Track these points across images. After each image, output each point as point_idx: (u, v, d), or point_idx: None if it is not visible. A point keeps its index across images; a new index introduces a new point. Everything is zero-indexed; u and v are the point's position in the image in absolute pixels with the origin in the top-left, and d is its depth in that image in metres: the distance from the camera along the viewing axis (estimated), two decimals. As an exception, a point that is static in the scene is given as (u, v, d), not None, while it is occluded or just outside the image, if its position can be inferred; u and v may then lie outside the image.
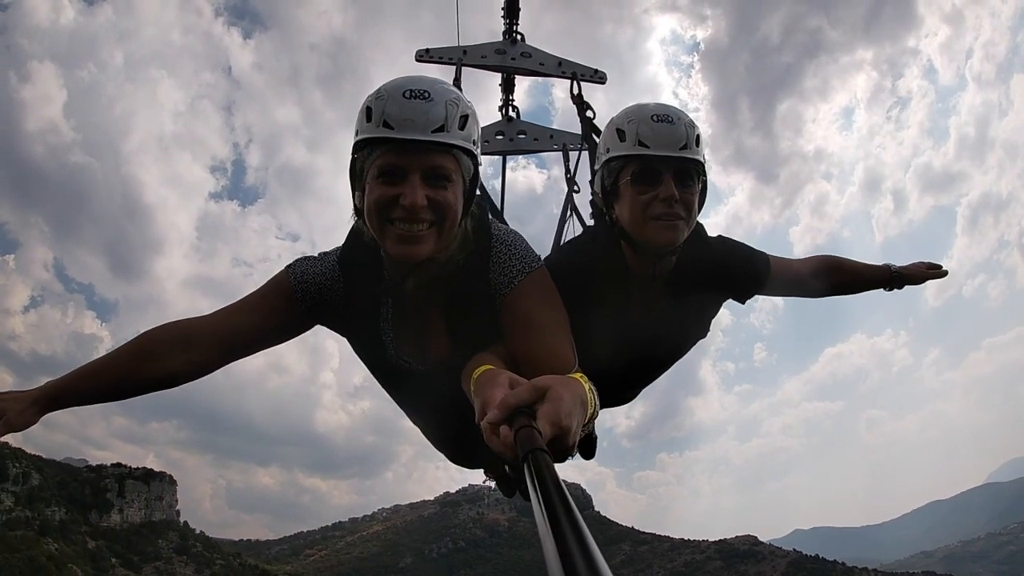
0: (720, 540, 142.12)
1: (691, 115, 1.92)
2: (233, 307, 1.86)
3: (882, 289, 2.51)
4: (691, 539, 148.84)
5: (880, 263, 2.51)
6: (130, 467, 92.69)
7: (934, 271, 2.49)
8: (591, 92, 4.35)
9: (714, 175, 1.93)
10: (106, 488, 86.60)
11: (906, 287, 2.50)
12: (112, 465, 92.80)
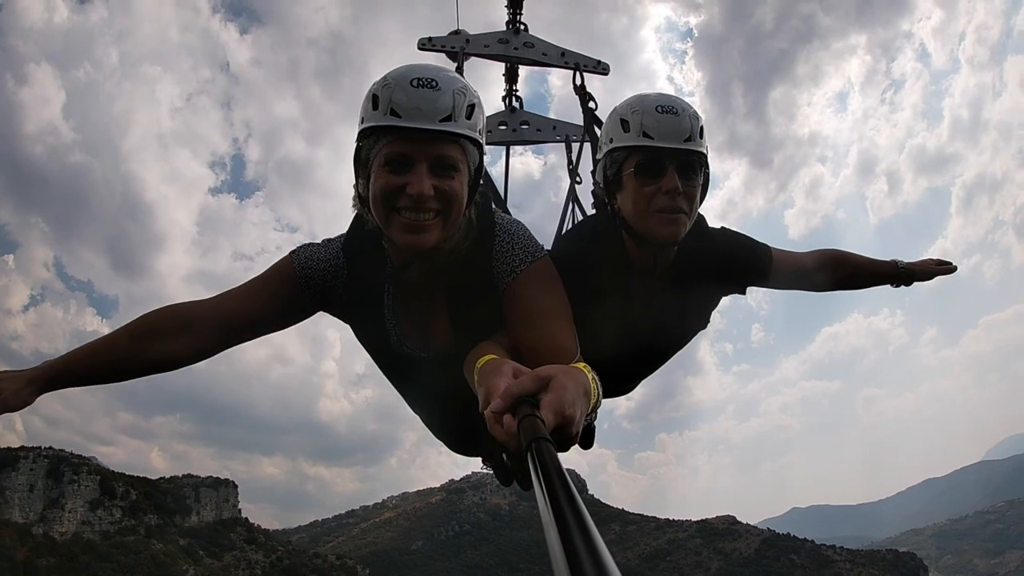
0: (701, 520, 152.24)
1: (686, 99, 1.90)
2: (235, 291, 1.85)
3: (888, 285, 2.46)
4: (675, 519, 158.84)
5: (887, 259, 2.46)
6: (200, 476, 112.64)
7: (943, 267, 2.46)
8: (588, 81, 4.32)
9: (709, 160, 1.92)
10: (185, 495, 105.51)
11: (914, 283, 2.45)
12: (184, 476, 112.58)
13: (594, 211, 2.29)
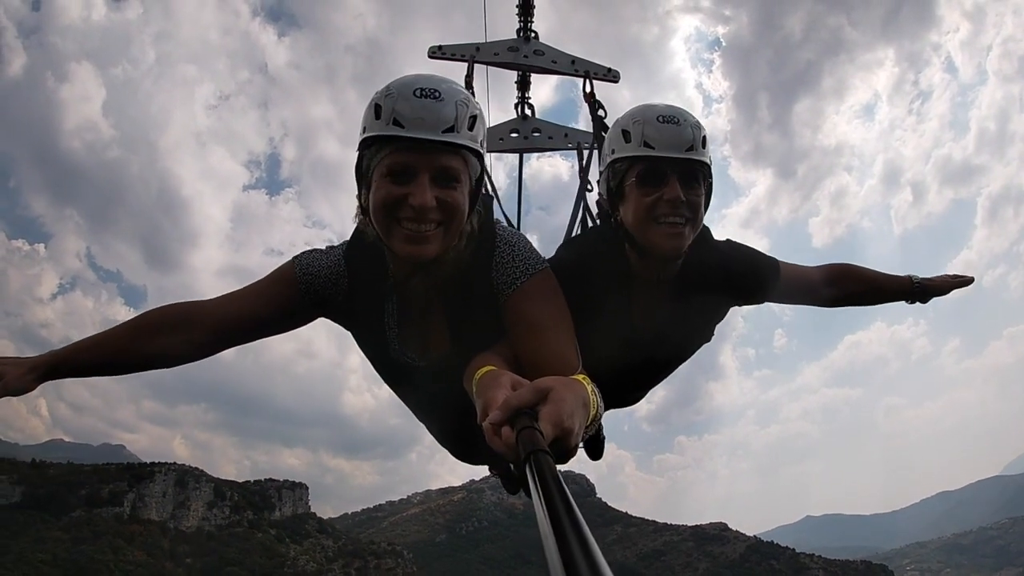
0: (695, 525, 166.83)
1: (714, 106, 5.92)
2: (237, 293, 1.87)
3: (904, 301, 2.36)
4: (672, 523, 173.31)
5: (902, 274, 2.36)
6: (282, 480, 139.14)
7: (959, 280, 2.37)
8: (617, 89, 4.29)
9: (734, 170, 6.75)
10: (271, 496, 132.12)
11: (931, 299, 2.35)
12: (266, 480, 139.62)
13: (599, 221, 2.30)
